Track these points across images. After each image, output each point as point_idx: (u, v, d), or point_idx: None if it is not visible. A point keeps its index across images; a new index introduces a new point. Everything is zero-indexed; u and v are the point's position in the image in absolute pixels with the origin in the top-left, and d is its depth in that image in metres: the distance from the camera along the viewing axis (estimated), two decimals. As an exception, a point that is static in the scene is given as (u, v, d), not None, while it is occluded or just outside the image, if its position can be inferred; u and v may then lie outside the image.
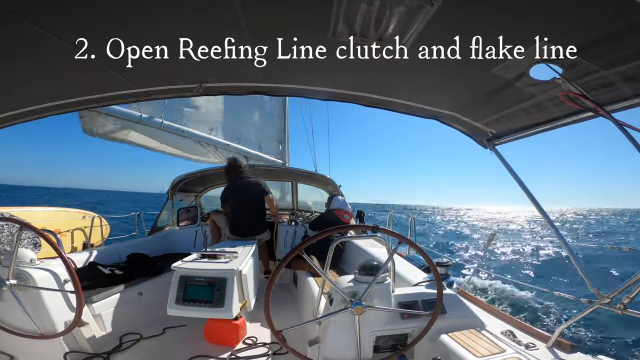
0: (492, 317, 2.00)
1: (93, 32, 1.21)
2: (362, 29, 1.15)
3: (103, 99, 1.81)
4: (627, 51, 1.05)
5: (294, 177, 5.22)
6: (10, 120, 1.80)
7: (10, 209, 5.20)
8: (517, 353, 1.47)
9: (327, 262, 1.63)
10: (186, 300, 2.09)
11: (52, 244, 1.73)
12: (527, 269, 12.20)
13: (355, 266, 1.66)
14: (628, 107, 1.26)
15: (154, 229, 4.58)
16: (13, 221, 2.54)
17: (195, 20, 1.19)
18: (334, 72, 1.58)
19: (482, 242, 17.38)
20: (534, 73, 1.28)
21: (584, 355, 1.54)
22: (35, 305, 1.81)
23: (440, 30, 1.12)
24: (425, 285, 1.92)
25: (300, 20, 1.17)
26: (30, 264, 1.91)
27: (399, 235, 1.47)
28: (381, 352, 1.62)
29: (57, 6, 1.05)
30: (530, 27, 1.07)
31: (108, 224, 6.11)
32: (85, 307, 2.07)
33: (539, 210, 1.75)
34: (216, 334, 2.27)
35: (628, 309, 1.36)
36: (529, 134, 1.77)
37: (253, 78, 1.70)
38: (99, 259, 2.85)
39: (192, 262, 2.33)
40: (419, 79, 1.57)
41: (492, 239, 3.38)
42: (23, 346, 1.86)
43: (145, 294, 2.61)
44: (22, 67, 1.40)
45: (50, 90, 1.67)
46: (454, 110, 1.84)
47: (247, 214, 3.43)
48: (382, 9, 1.03)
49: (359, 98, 1.83)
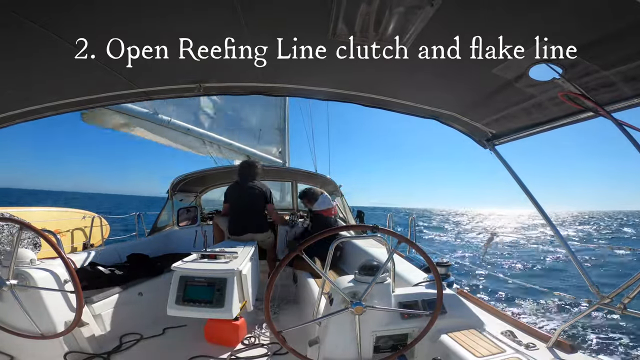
0: (492, 317, 2.00)
1: (93, 31, 1.21)
2: (362, 29, 1.15)
3: (103, 99, 1.81)
4: (627, 51, 1.05)
5: (294, 177, 5.21)
6: (10, 120, 1.80)
7: (10, 209, 5.20)
8: (517, 353, 1.47)
9: (327, 262, 1.63)
10: (186, 301, 2.09)
11: (52, 244, 1.73)
12: (527, 268, 12.19)
13: (355, 266, 1.66)
14: (628, 107, 1.26)
15: (154, 229, 4.57)
16: (13, 221, 2.54)
17: (195, 20, 1.19)
18: (334, 72, 1.58)
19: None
20: (533, 73, 1.28)
21: (584, 355, 1.54)
22: (35, 306, 1.81)
23: (440, 31, 1.12)
24: (425, 285, 1.91)
25: (300, 20, 1.17)
26: (30, 264, 1.91)
27: (399, 235, 1.47)
28: (381, 352, 1.62)
29: (57, 6, 1.05)
30: (530, 27, 1.07)
31: (108, 224, 6.12)
32: (85, 307, 2.07)
33: (538, 210, 1.75)
34: (216, 334, 2.27)
35: (628, 309, 1.36)
36: (529, 134, 1.77)
37: (253, 78, 1.70)
38: (99, 259, 2.85)
39: (192, 263, 2.33)
40: (418, 79, 1.57)
41: (492, 239, 3.37)
42: (23, 346, 1.86)
43: (145, 294, 2.60)
44: (22, 66, 1.40)
45: (50, 90, 1.67)
46: (454, 110, 1.84)
47: (245, 214, 3.42)
48: (382, 9, 1.03)
49: (359, 98, 1.83)
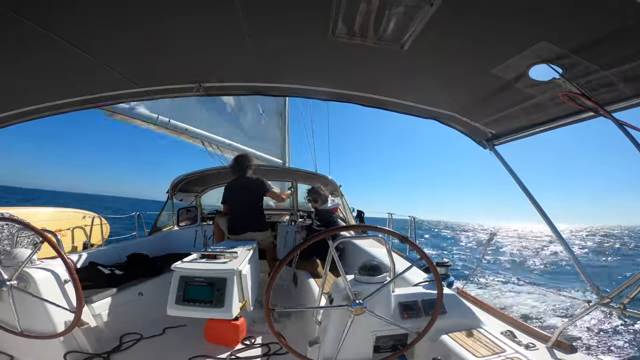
0: (492, 317, 2.00)
1: (93, 31, 1.21)
2: (362, 29, 1.15)
3: (103, 99, 1.81)
4: (627, 51, 1.05)
5: (294, 177, 5.21)
6: (10, 120, 1.80)
7: (10, 209, 5.21)
8: (517, 353, 1.47)
9: (327, 262, 1.63)
10: (186, 301, 2.09)
11: (52, 244, 1.73)
12: (528, 268, 12.19)
13: (355, 266, 1.66)
14: (628, 107, 1.26)
15: (154, 229, 4.58)
16: (13, 221, 2.54)
17: (196, 20, 1.19)
18: (334, 72, 1.58)
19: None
20: (533, 73, 1.28)
21: (584, 355, 1.54)
22: (36, 305, 1.81)
23: (440, 30, 1.12)
24: (425, 286, 1.91)
25: (300, 20, 1.17)
26: (30, 264, 1.91)
27: (399, 235, 1.47)
28: (381, 352, 1.61)
29: (57, 6, 1.06)
30: (530, 28, 1.06)
31: (108, 224, 6.12)
32: (85, 307, 2.07)
33: (538, 210, 1.75)
34: (216, 334, 2.27)
35: (628, 309, 1.36)
36: (529, 134, 1.77)
37: (253, 78, 1.70)
38: (99, 259, 2.85)
39: (192, 262, 2.33)
40: (418, 79, 1.57)
41: (492, 239, 3.37)
42: (23, 346, 1.86)
43: (145, 294, 2.60)
44: (22, 66, 1.40)
45: (50, 90, 1.67)
46: (454, 110, 1.84)
47: (245, 213, 3.42)
48: (381, 9, 1.03)
49: (359, 98, 1.83)
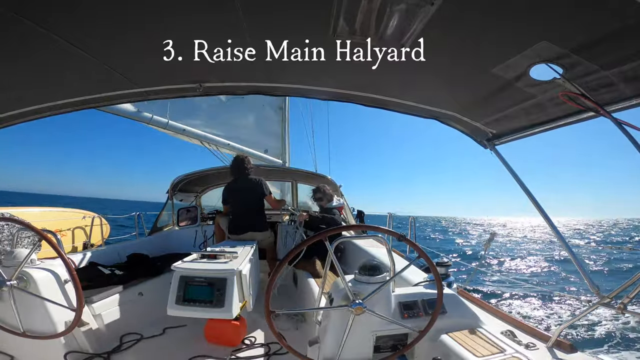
0: (492, 317, 1.99)
1: (93, 31, 1.21)
2: (362, 28, 1.15)
3: (103, 99, 1.81)
4: (628, 51, 1.05)
5: (294, 177, 5.21)
6: (10, 120, 1.80)
7: (10, 209, 5.21)
8: (517, 353, 1.46)
9: (326, 262, 1.63)
10: (186, 301, 2.09)
11: (52, 244, 1.73)
12: (528, 268, 12.19)
13: (355, 266, 1.66)
14: (628, 107, 1.26)
15: (154, 229, 4.58)
16: (13, 221, 2.54)
17: (196, 20, 1.19)
18: (334, 72, 1.58)
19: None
20: (534, 73, 1.28)
21: (584, 355, 1.54)
22: (36, 305, 1.81)
23: (441, 30, 1.12)
24: (425, 285, 1.91)
25: (301, 20, 1.17)
26: (30, 264, 1.91)
27: (399, 235, 1.47)
28: (381, 352, 1.61)
29: (57, 6, 1.06)
30: (530, 27, 1.06)
31: (108, 224, 6.13)
32: (85, 307, 2.07)
33: (538, 210, 1.75)
34: (216, 334, 2.27)
35: (628, 309, 1.36)
36: (529, 134, 1.77)
37: (253, 78, 1.70)
38: (99, 259, 2.85)
39: (192, 262, 2.33)
40: (419, 78, 1.57)
41: (492, 239, 3.37)
42: (23, 346, 1.86)
43: (145, 294, 2.61)
44: (22, 66, 1.40)
45: (50, 90, 1.66)
46: (454, 110, 1.84)
47: (245, 213, 3.42)
48: (382, 9, 1.03)
49: (359, 98, 1.83)
